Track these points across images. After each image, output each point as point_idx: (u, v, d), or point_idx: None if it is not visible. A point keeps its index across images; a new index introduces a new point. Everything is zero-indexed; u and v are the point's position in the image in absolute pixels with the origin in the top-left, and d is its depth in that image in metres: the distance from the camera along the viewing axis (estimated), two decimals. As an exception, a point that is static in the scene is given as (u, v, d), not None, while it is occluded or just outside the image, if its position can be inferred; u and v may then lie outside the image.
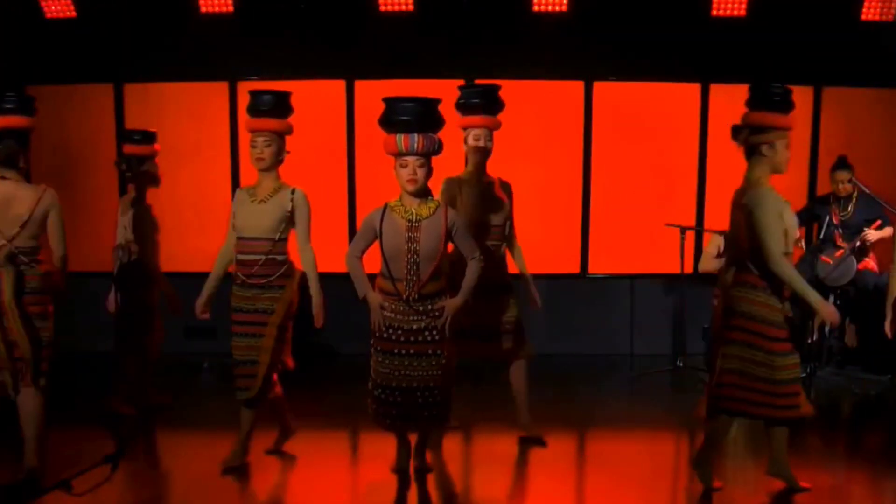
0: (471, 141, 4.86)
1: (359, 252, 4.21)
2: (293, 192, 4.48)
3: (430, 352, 4.08)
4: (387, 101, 4.12)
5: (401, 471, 4.34)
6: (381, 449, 4.59)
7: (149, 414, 5.49)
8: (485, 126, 4.83)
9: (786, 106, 4.08)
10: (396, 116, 4.03)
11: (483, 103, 4.83)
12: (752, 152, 4.12)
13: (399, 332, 4.08)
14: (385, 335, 4.10)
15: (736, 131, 4.20)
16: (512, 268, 5.05)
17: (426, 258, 4.04)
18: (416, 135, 3.99)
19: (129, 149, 5.70)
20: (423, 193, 4.11)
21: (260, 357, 4.36)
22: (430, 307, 4.08)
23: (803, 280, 4.06)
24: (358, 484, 4.57)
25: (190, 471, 4.38)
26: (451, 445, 3.88)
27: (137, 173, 5.59)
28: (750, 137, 4.10)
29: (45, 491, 3.08)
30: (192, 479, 4.37)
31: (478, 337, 4.75)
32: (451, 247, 4.28)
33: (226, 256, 4.58)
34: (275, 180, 4.51)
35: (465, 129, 4.89)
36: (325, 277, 4.28)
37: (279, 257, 4.45)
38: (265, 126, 4.44)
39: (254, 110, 4.48)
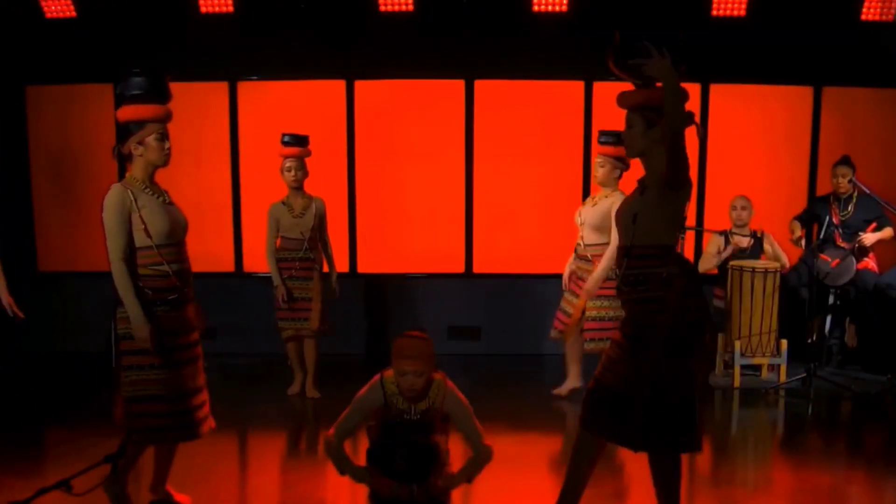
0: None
1: (344, 436, 3.68)
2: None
3: None
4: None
5: None
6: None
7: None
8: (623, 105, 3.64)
9: None
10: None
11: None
12: None
13: None
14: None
15: None
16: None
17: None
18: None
19: (282, 151, 6.09)
20: (422, 397, 3.60)
21: (202, 381, 4.02)
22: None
23: None
24: (357, 484, 4.55)
25: (189, 471, 4.37)
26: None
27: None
28: None
29: (45, 491, 3.07)
30: (192, 479, 4.37)
31: (607, 411, 3.54)
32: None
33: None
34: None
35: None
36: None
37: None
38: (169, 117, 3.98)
39: (157, 98, 3.94)
